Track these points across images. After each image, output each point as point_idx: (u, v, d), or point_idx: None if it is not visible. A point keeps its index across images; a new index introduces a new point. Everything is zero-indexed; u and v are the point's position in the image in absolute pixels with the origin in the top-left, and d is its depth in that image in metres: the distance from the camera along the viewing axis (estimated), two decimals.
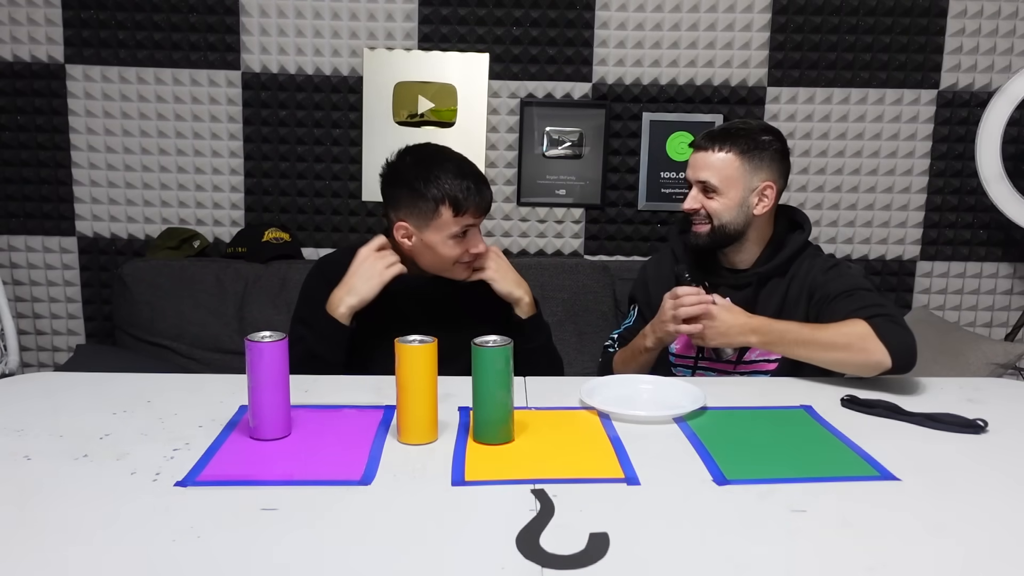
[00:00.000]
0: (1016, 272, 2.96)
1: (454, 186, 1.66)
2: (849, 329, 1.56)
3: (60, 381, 1.53)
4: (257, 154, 2.84)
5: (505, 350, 1.23)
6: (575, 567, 0.91)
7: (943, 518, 1.05)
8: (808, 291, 1.74)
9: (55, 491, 1.07)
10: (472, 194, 1.67)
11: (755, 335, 1.64)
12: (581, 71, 2.82)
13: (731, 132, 1.75)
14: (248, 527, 0.99)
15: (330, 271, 1.79)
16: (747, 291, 1.78)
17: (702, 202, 1.75)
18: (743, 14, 2.79)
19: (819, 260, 1.78)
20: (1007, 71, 2.80)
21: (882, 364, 1.52)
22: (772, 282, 1.78)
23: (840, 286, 1.69)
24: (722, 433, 1.31)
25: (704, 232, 1.77)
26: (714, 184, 1.73)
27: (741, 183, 1.73)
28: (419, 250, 1.73)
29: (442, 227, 1.68)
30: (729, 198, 1.73)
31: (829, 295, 1.69)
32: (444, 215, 1.66)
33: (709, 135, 1.76)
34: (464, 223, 1.68)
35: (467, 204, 1.66)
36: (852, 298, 1.65)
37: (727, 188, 1.73)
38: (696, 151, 1.77)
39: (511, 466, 1.17)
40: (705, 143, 1.75)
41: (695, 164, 1.76)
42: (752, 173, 1.73)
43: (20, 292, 2.89)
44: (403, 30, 2.78)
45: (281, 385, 1.25)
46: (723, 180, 1.73)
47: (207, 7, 2.75)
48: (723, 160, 1.73)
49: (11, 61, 2.76)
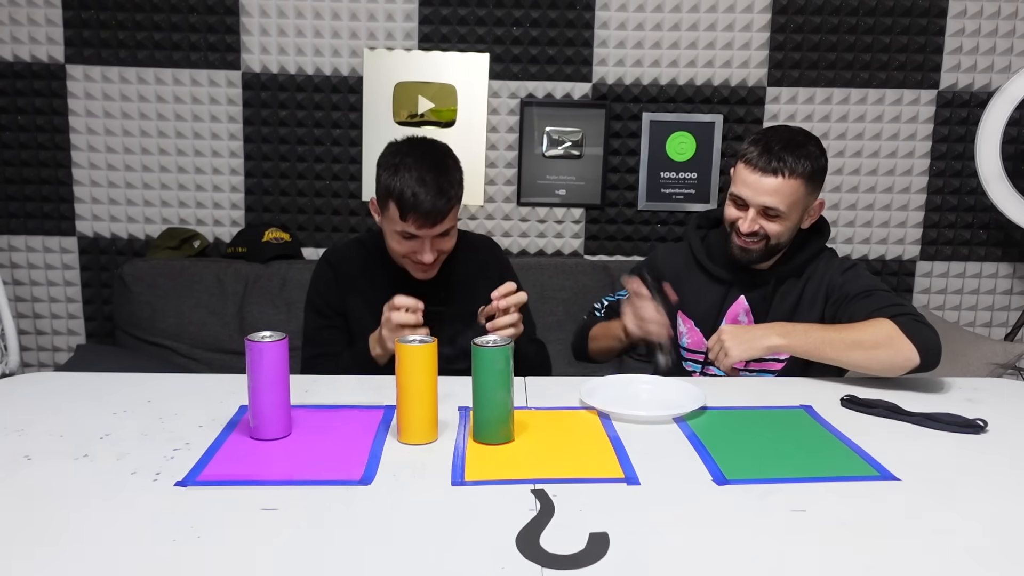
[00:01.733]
0: (1016, 272, 2.96)
1: (406, 188, 1.62)
2: (876, 328, 1.56)
3: (60, 381, 1.53)
4: (257, 154, 2.84)
5: (505, 350, 1.23)
6: (575, 567, 0.91)
7: (943, 518, 1.05)
8: (825, 292, 1.73)
9: (55, 491, 1.07)
10: (418, 201, 1.61)
11: (778, 336, 1.60)
12: (581, 71, 2.82)
13: (797, 156, 1.66)
14: (248, 527, 0.99)
15: (337, 260, 1.85)
16: (764, 290, 1.77)
17: (762, 224, 1.69)
18: (743, 14, 2.79)
19: (836, 261, 1.77)
20: (1007, 71, 2.80)
21: (911, 361, 1.52)
22: (788, 282, 1.77)
23: (859, 286, 1.68)
24: (722, 433, 1.31)
25: (758, 249, 1.72)
26: (781, 211, 1.67)
27: (802, 205, 1.70)
28: (384, 233, 1.76)
29: (390, 219, 1.68)
30: (791, 221, 1.70)
31: (848, 295, 1.68)
32: (391, 210, 1.66)
33: (776, 158, 1.65)
34: (407, 229, 1.65)
35: (407, 210, 1.62)
36: (872, 298, 1.64)
37: (791, 212, 1.68)
38: (758, 174, 1.66)
39: (511, 466, 1.17)
40: (772, 167, 1.65)
41: (758, 188, 1.66)
42: (811, 194, 1.71)
43: (20, 292, 2.89)
44: (403, 30, 2.78)
45: (281, 385, 1.25)
46: (789, 206, 1.67)
47: (207, 7, 2.75)
48: (791, 186, 1.66)
49: (11, 61, 2.76)
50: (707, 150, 2.86)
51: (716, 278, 1.81)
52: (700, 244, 1.86)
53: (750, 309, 1.78)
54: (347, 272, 1.84)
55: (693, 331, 1.82)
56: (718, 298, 1.80)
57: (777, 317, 1.76)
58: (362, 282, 1.82)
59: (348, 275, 1.84)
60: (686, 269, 1.85)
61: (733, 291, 1.79)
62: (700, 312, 1.82)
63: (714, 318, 1.80)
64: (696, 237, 1.87)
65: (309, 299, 1.87)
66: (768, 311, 1.77)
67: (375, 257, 1.83)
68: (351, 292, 1.82)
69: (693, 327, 1.82)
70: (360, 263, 1.84)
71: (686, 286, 1.83)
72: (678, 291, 1.81)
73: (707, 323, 1.80)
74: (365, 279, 1.82)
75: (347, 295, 1.82)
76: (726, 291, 1.80)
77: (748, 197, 1.68)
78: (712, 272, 1.82)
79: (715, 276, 1.81)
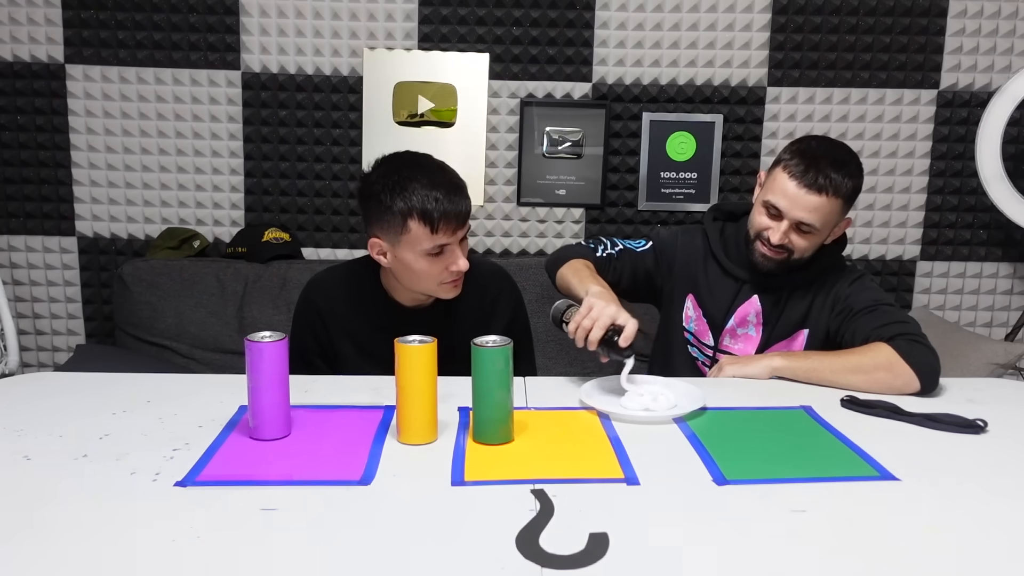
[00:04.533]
0: (1016, 272, 2.96)
1: (422, 197, 1.49)
2: (875, 354, 1.54)
3: (60, 381, 1.53)
4: (257, 154, 2.84)
5: (505, 350, 1.23)
6: (575, 567, 0.91)
7: (943, 518, 1.05)
8: (832, 302, 1.73)
9: (55, 491, 1.07)
10: (442, 205, 1.49)
11: (780, 358, 1.60)
12: (581, 71, 2.82)
13: (843, 175, 1.62)
14: (248, 527, 0.99)
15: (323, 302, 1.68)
16: (777, 295, 1.76)
17: (791, 239, 1.66)
18: (743, 14, 2.79)
19: (845, 272, 1.76)
20: (1007, 71, 2.80)
21: (911, 387, 1.51)
22: (800, 291, 1.76)
23: (864, 300, 1.67)
24: (722, 433, 1.31)
25: (779, 259, 1.69)
26: (816, 227, 1.65)
27: (834, 223, 1.69)
28: (397, 269, 1.59)
29: (413, 243, 1.52)
30: (820, 238, 1.69)
31: (852, 309, 1.67)
32: (414, 230, 1.51)
33: (823, 175, 1.60)
34: (438, 241, 1.52)
35: (437, 217, 1.49)
36: (875, 314, 1.63)
37: (823, 230, 1.67)
38: (803, 189, 1.61)
39: (511, 466, 1.17)
40: (817, 184, 1.61)
41: (799, 202, 1.62)
42: (845, 211, 1.69)
43: (20, 292, 2.89)
44: (403, 30, 2.78)
45: (281, 385, 1.25)
46: (824, 224, 1.66)
47: (207, 7, 2.75)
48: (831, 205, 1.63)
49: (11, 61, 2.76)
50: (707, 150, 2.86)
51: (731, 274, 1.80)
52: (718, 236, 1.83)
53: (761, 311, 1.77)
54: (337, 315, 1.68)
55: (700, 320, 1.81)
56: (731, 294, 1.79)
57: (786, 325, 1.76)
58: (355, 324, 1.68)
59: (339, 318, 1.68)
60: (703, 256, 1.83)
61: (746, 289, 1.78)
62: (711, 304, 1.80)
63: (724, 313, 1.79)
64: (714, 229, 1.84)
65: (294, 343, 1.61)
66: (779, 318, 1.76)
67: (367, 295, 1.68)
68: (343, 337, 1.68)
69: (701, 316, 1.81)
70: (350, 303, 1.69)
71: (700, 271, 1.82)
72: (692, 276, 1.79)
73: (716, 318, 1.80)
74: (359, 321, 1.68)
75: (338, 340, 1.68)
76: (739, 288, 1.78)
77: (785, 209, 1.63)
78: (727, 268, 1.80)
79: (730, 272, 1.80)
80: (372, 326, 1.66)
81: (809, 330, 1.75)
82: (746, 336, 1.78)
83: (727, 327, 1.79)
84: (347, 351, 1.68)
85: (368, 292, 1.68)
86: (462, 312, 1.68)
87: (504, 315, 1.74)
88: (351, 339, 1.68)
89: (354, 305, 1.68)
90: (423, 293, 1.63)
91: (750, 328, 1.78)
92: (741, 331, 1.79)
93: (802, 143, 1.68)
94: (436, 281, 1.58)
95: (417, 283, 1.60)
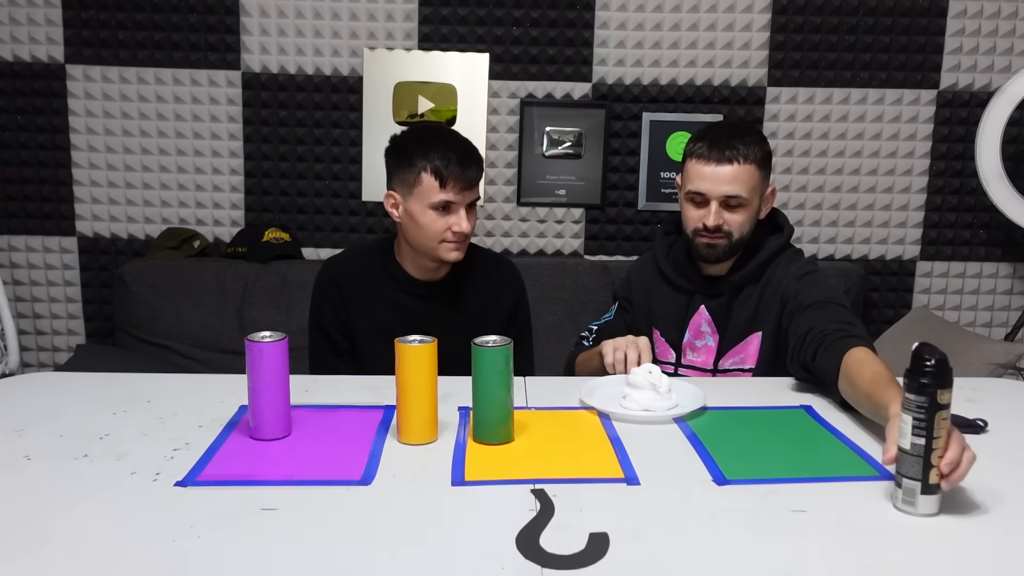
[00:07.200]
0: (1016, 272, 2.96)
1: (437, 155, 1.68)
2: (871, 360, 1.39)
3: (60, 381, 1.53)
4: (257, 154, 2.84)
5: (505, 350, 1.23)
6: (575, 567, 0.91)
7: (943, 518, 1.05)
8: (781, 299, 1.70)
9: (55, 491, 1.07)
10: (454, 165, 1.68)
11: None
12: (581, 71, 2.82)
13: (747, 142, 1.67)
14: (248, 527, 0.99)
15: (340, 275, 1.82)
16: (722, 300, 1.76)
17: (725, 218, 1.68)
18: (743, 14, 2.79)
19: (794, 266, 1.72)
20: (1007, 71, 2.80)
21: None
22: (747, 289, 1.75)
23: (812, 297, 1.62)
24: (722, 433, 1.31)
25: (724, 245, 1.70)
26: (744, 197, 1.66)
27: (759, 191, 1.70)
28: (406, 223, 1.74)
29: (423, 195, 1.70)
30: (752, 208, 1.69)
31: (802, 305, 1.62)
32: (425, 182, 1.69)
33: (728, 147, 1.65)
34: (445, 197, 1.69)
35: (447, 174, 1.67)
36: (823, 311, 1.58)
37: (752, 198, 1.68)
38: (713, 164, 1.65)
39: (511, 466, 1.17)
40: (726, 156, 1.65)
41: (716, 178, 1.65)
42: (764, 180, 1.71)
43: (20, 292, 2.89)
44: (403, 30, 2.78)
45: (281, 385, 1.25)
46: (749, 192, 1.66)
47: (207, 7, 2.75)
48: (747, 172, 1.65)
49: (11, 61, 2.75)
50: None
51: (679, 288, 1.81)
52: (665, 253, 1.84)
53: (711, 319, 1.77)
54: (353, 287, 1.82)
55: (660, 341, 1.82)
56: (682, 309, 1.80)
57: (737, 325, 1.74)
58: (369, 297, 1.81)
59: (354, 290, 1.82)
60: (654, 281, 1.85)
61: (695, 301, 1.78)
62: (669, 327, 1.82)
63: (679, 329, 1.80)
64: (663, 245, 1.85)
65: (314, 319, 1.85)
66: (728, 320, 1.75)
67: (380, 268, 1.82)
68: (357, 309, 1.81)
69: (659, 337, 1.83)
70: (365, 276, 1.82)
71: (655, 298, 1.84)
72: (649, 307, 1.83)
73: (672, 334, 1.81)
74: (372, 293, 1.81)
75: (353, 312, 1.81)
76: (688, 301, 1.79)
77: (707, 190, 1.67)
78: (674, 282, 1.81)
79: (677, 286, 1.81)
80: (384, 298, 1.79)
81: (762, 332, 1.74)
82: (705, 347, 1.79)
83: (684, 341, 1.80)
84: (360, 323, 1.81)
85: (379, 265, 1.83)
86: (469, 289, 1.83)
87: (509, 298, 1.89)
88: (364, 311, 1.80)
89: (367, 277, 1.82)
90: (428, 255, 1.75)
91: (707, 338, 1.78)
92: (699, 343, 1.79)
93: (702, 131, 1.74)
94: (438, 239, 1.72)
95: (422, 237, 1.73)
